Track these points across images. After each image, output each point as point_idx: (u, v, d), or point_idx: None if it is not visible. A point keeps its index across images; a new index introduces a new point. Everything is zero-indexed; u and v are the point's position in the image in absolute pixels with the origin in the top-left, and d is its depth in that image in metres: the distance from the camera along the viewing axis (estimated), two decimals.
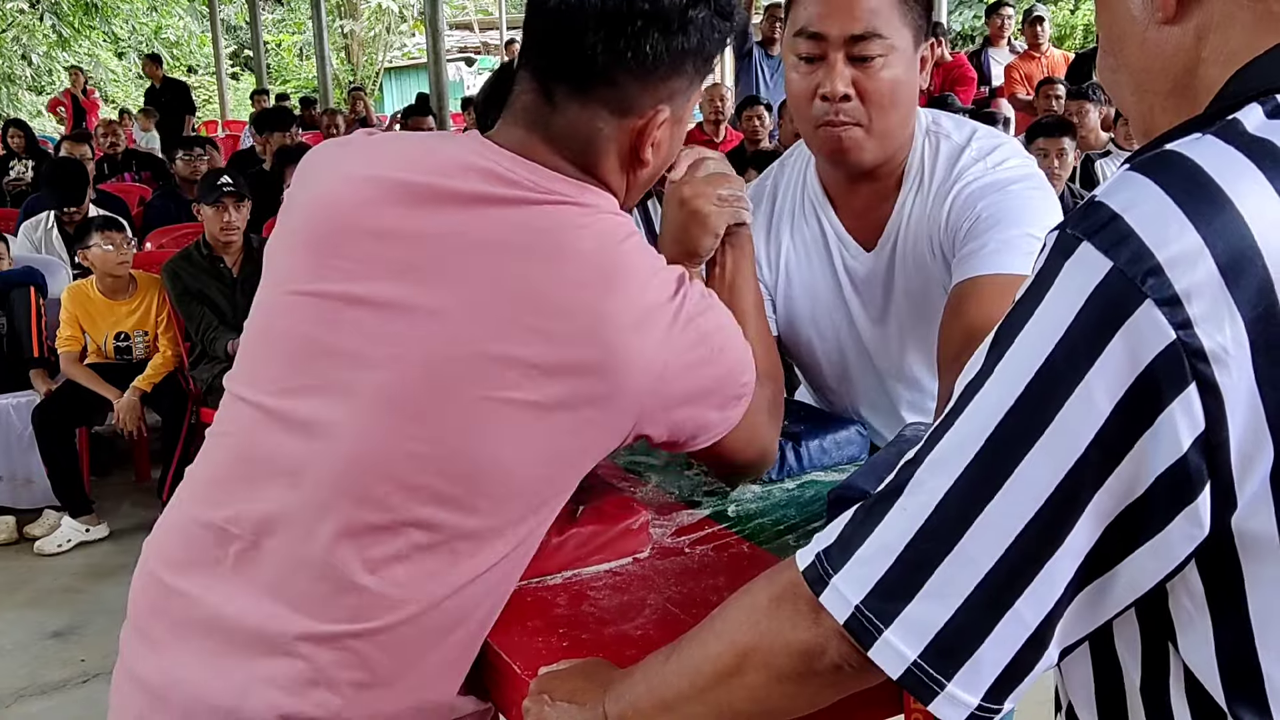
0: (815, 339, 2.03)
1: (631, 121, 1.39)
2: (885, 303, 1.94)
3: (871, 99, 1.75)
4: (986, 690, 0.89)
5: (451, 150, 1.40)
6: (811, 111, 1.79)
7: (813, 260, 1.99)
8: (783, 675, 0.99)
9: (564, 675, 1.25)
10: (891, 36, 1.73)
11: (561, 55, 1.35)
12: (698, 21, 1.37)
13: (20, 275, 5.42)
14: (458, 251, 1.31)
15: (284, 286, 1.40)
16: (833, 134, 1.78)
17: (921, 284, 1.88)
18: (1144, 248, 0.81)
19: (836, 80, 1.74)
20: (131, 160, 10.17)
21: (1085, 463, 0.83)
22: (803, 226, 2.01)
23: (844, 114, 1.76)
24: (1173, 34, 0.96)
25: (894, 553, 0.90)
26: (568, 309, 1.28)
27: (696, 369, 1.37)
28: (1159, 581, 0.86)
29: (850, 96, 1.75)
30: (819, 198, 1.99)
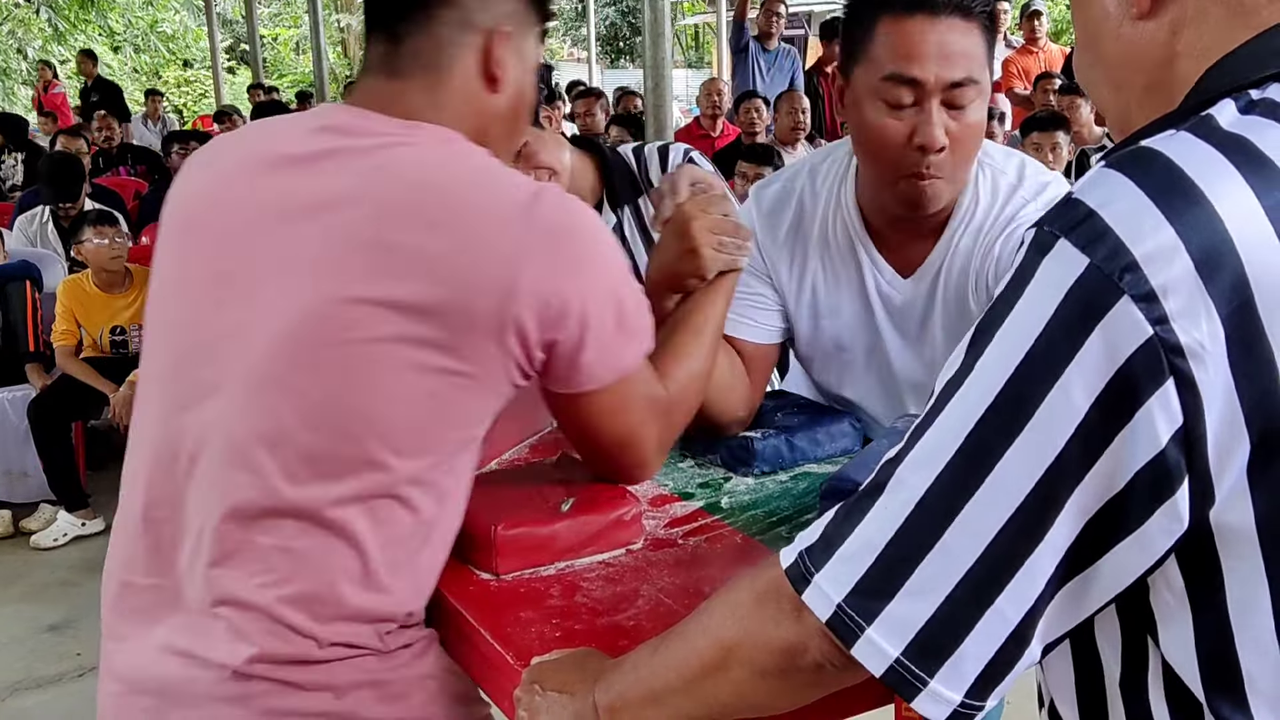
0: (834, 356, 2.01)
1: (474, 38, 1.44)
2: (921, 332, 1.91)
3: (961, 148, 1.71)
4: (969, 687, 0.89)
5: (296, 120, 1.50)
6: (900, 160, 1.71)
7: (841, 286, 1.95)
8: (765, 672, 1.00)
9: (555, 665, 1.26)
10: (981, 80, 1.69)
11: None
12: None
13: (16, 269, 5.42)
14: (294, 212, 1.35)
15: (158, 284, 1.47)
16: (918, 187, 1.72)
17: (960, 317, 1.85)
18: (1120, 244, 0.81)
19: (937, 131, 1.67)
20: (127, 154, 10.16)
21: (1064, 459, 0.83)
22: (835, 250, 1.94)
23: (934, 167, 1.70)
24: (1147, 29, 0.96)
25: (875, 551, 0.90)
26: (406, 244, 1.30)
27: (564, 271, 1.34)
28: (1140, 576, 0.87)
29: (945, 148, 1.69)
30: (857, 228, 1.92)
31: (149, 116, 14.91)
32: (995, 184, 1.83)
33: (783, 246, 1.98)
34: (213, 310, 1.37)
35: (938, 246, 1.85)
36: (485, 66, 1.45)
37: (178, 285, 1.43)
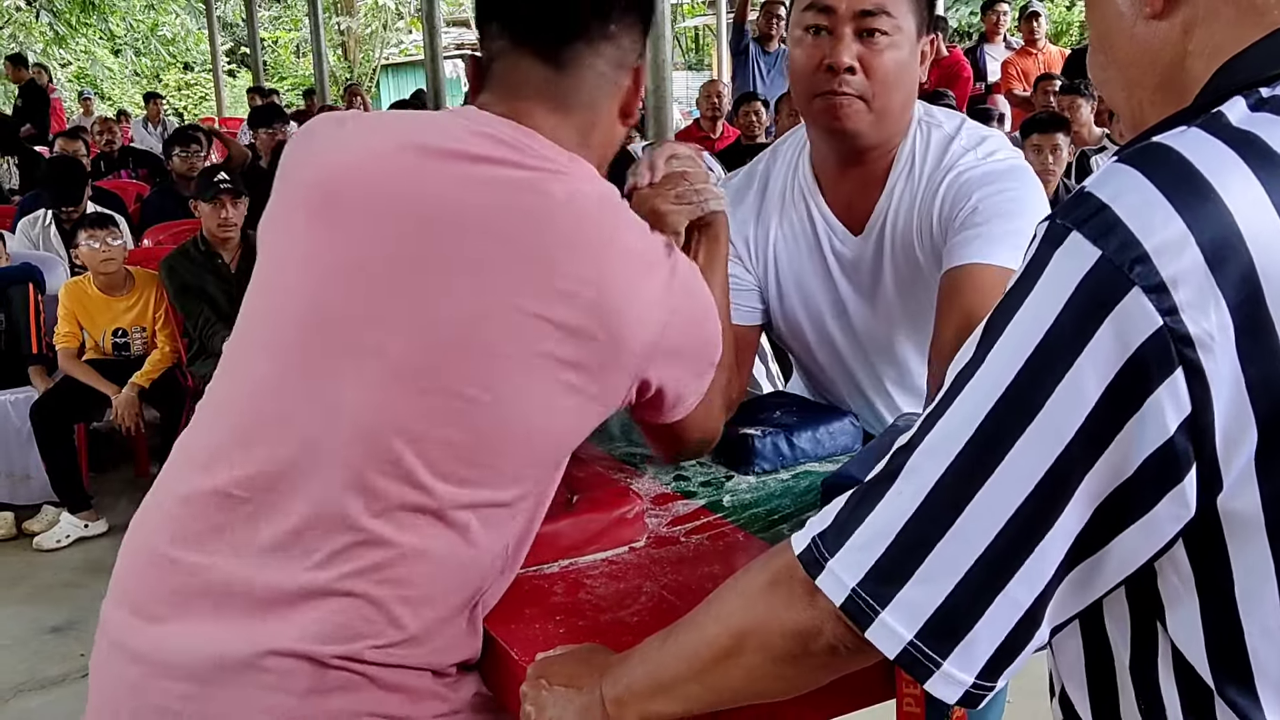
0: (805, 323, 2.05)
1: (624, 77, 1.48)
2: (874, 286, 1.96)
3: (875, 75, 1.78)
4: (981, 669, 0.91)
5: (450, 118, 1.45)
6: (813, 81, 1.81)
7: (800, 245, 2.01)
8: (778, 657, 1.02)
9: (561, 660, 1.27)
10: (899, 18, 1.77)
11: (569, 14, 1.42)
12: None
13: (19, 272, 5.42)
14: (467, 210, 1.34)
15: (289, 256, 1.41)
16: (832, 103, 1.80)
17: (909, 269, 1.90)
18: (1131, 236, 0.83)
19: (843, 52, 1.77)
20: (128, 157, 10.18)
21: (1075, 446, 0.85)
22: (791, 213, 2.02)
23: (847, 85, 1.78)
24: (1160, 29, 0.98)
25: (889, 536, 0.92)
26: (572, 270, 1.32)
27: (688, 328, 1.43)
28: (1147, 561, 0.89)
29: (855, 70, 1.77)
30: (809, 184, 2.00)
31: (150, 119, 14.93)
32: (931, 136, 1.91)
33: (748, 218, 2.05)
34: (353, 292, 1.34)
35: (880, 199, 1.92)
36: (626, 104, 1.50)
37: (309, 259, 1.38)
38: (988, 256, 1.69)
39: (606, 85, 1.46)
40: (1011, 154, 1.86)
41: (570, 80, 1.43)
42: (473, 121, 1.40)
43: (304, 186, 1.42)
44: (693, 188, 1.72)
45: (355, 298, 1.33)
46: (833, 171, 1.97)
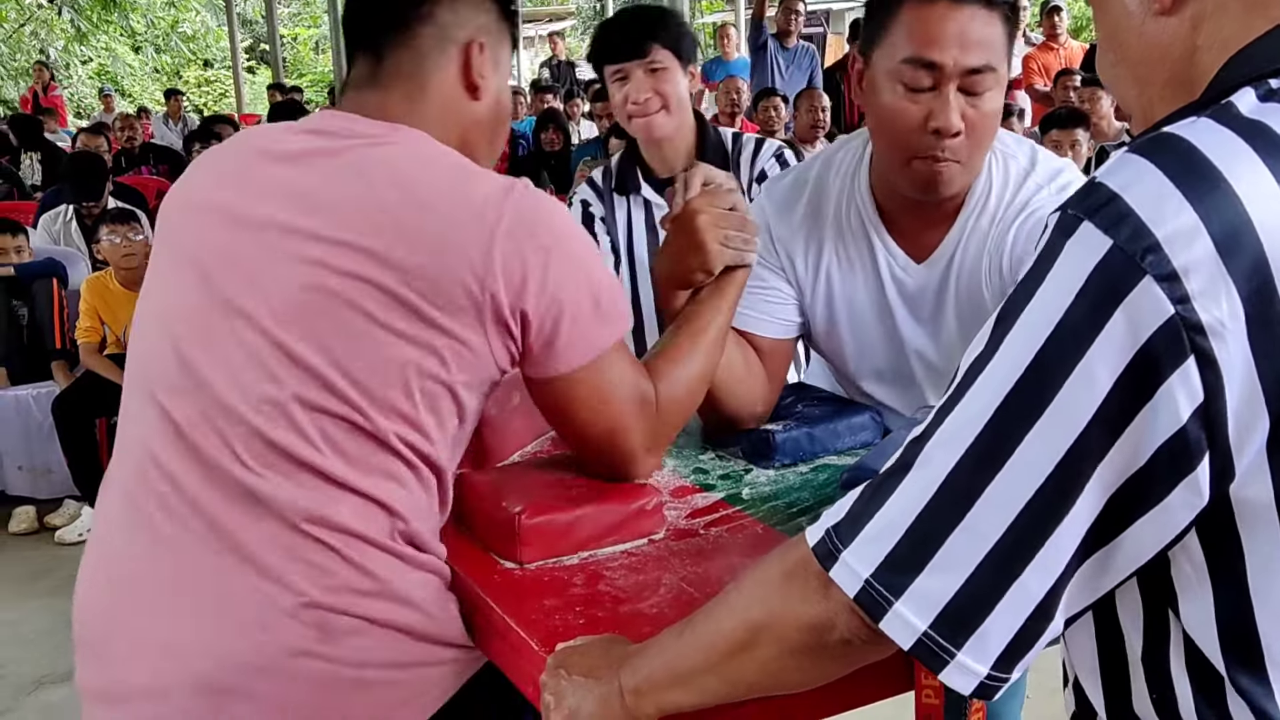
0: (851, 350, 2.00)
1: (454, 51, 1.56)
2: (936, 316, 1.91)
3: (976, 133, 1.71)
4: (995, 659, 0.91)
5: (285, 125, 1.58)
6: (915, 143, 1.72)
7: (856, 273, 1.95)
8: (794, 649, 1.02)
9: (581, 650, 1.27)
10: (999, 68, 1.70)
11: (380, 7, 1.56)
12: None
13: (42, 267, 5.46)
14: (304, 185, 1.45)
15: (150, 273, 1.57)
16: (932, 169, 1.73)
17: (973, 305, 1.85)
18: (1143, 226, 0.83)
19: (953, 115, 1.68)
20: (149, 154, 10.22)
21: (1088, 436, 0.85)
22: (848, 238, 1.95)
23: (950, 151, 1.71)
24: (1169, 24, 0.98)
25: (902, 527, 0.92)
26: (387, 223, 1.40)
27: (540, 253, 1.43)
28: (1160, 550, 0.89)
29: (960, 132, 1.70)
30: (869, 212, 1.92)
31: (170, 116, 15.00)
32: (1008, 170, 1.84)
33: (797, 233, 1.98)
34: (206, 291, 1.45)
35: (951, 232, 1.86)
36: (466, 77, 1.57)
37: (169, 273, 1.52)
38: None
39: (429, 58, 1.54)
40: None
41: (388, 63, 1.54)
42: (301, 123, 1.57)
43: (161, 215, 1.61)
44: (741, 235, 1.71)
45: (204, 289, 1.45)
46: (901, 206, 1.89)
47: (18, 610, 4.37)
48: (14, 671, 3.90)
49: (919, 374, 1.97)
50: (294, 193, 1.45)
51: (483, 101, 1.59)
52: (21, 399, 5.21)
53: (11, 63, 23.97)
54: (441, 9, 1.55)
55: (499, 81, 1.61)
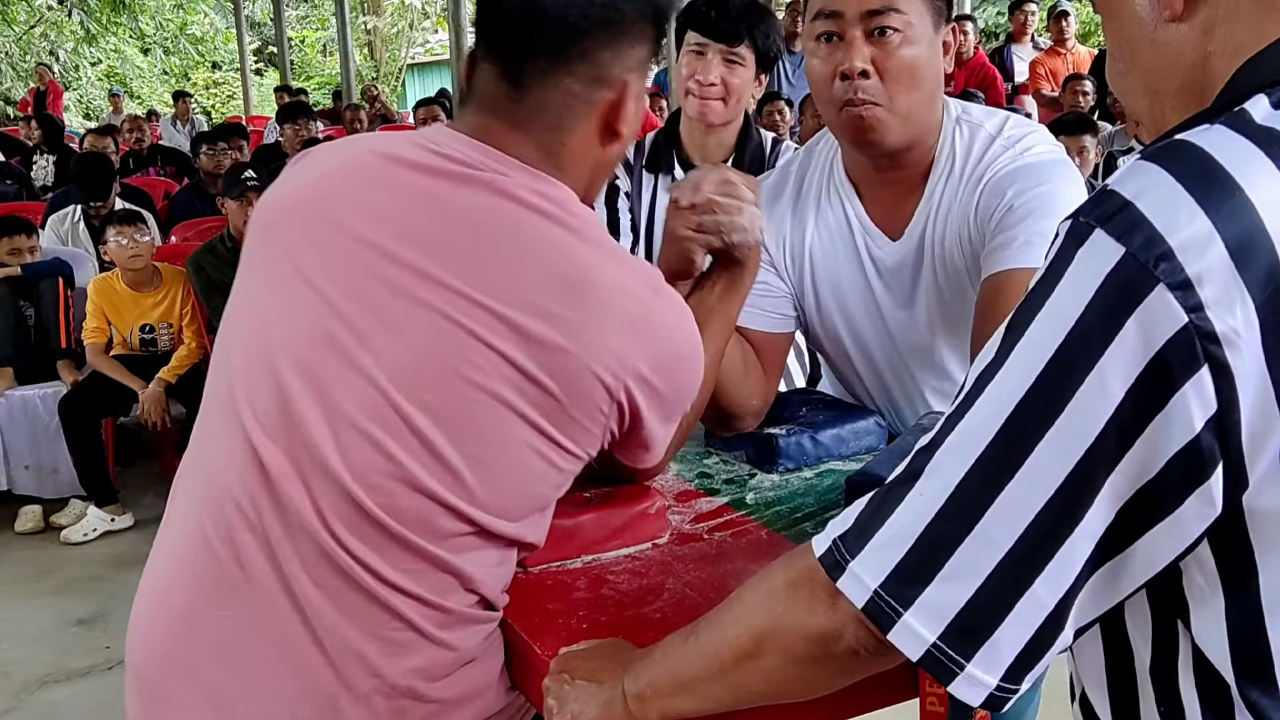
0: (841, 327, 2.01)
1: (604, 94, 1.39)
2: (913, 292, 1.92)
3: (891, 76, 1.73)
4: (1005, 670, 0.90)
5: (405, 135, 1.44)
6: (833, 93, 1.77)
7: (837, 248, 1.97)
8: (799, 659, 1.01)
9: (584, 655, 1.27)
10: (909, 12, 1.72)
11: (532, 29, 1.35)
12: None
13: (49, 267, 5.46)
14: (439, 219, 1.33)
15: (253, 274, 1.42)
16: (854, 114, 1.76)
17: (951, 274, 1.86)
18: (1156, 233, 0.82)
19: (855, 57, 1.72)
20: (157, 155, 10.24)
21: (1100, 445, 0.84)
22: (827, 214, 1.97)
23: (863, 91, 1.73)
24: (1180, 31, 0.97)
25: (911, 536, 0.92)
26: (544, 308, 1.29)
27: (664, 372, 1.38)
28: (1173, 560, 0.88)
29: (870, 73, 1.73)
30: (844, 186, 1.96)
31: (178, 118, 15.03)
32: (973, 137, 1.85)
33: (783, 223, 2.00)
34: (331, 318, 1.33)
35: (920, 205, 1.88)
36: (608, 122, 1.42)
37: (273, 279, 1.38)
38: (1026, 261, 1.65)
39: (577, 105, 1.38)
40: (1050, 147, 1.82)
41: (531, 99, 1.37)
42: (430, 141, 1.39)
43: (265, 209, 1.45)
44: (717, 218, 1.64)
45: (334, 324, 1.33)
46: (868, 176, 1.93)
47: (22, 609, 4.37)
48: (18, 670, 3.90)
49: (905, 353, 1.98)
50: (428, 229, 1.33)
51: (619, 144, 1.45)
52: (28, 399, 5.21)
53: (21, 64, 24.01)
54: (601, 48, 1.37)
55: (639, 115, 1.46)
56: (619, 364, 1.31)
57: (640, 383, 1.34)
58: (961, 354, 1.89)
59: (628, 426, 1.38)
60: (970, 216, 1.81)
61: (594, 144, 1.42)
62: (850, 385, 2.12)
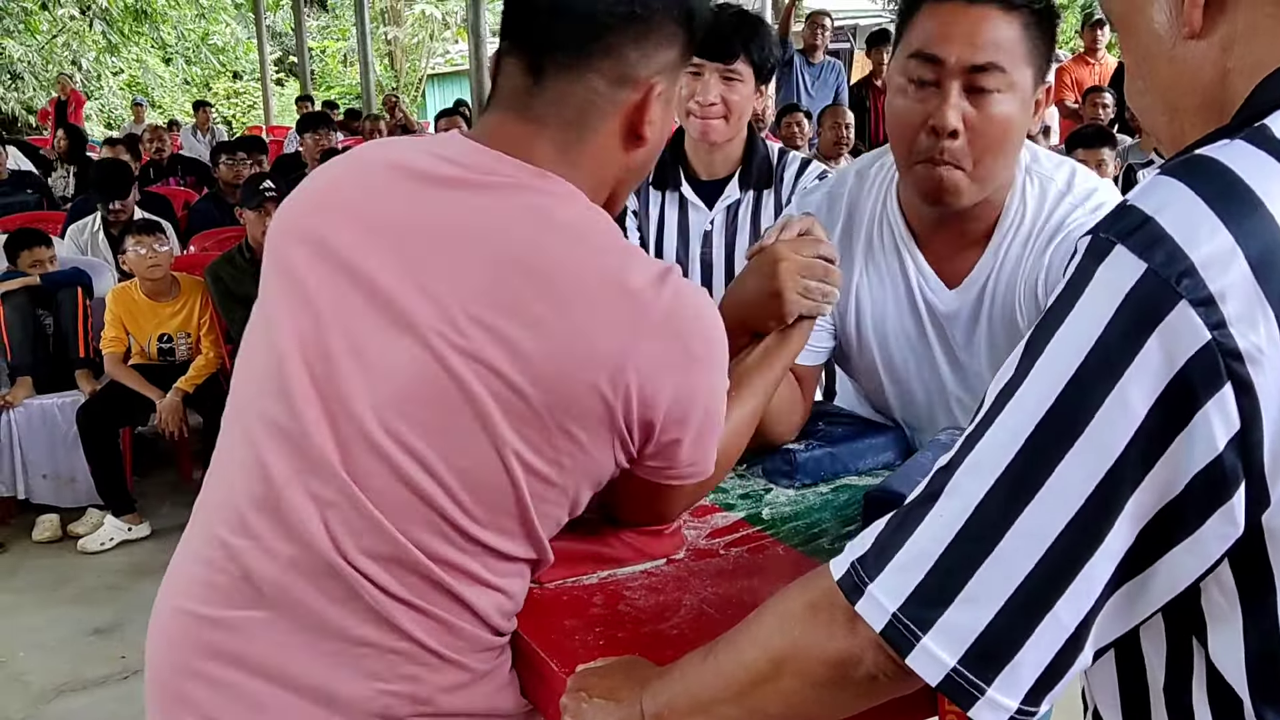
0: (880, 366, 1.97)
1: (628, 95, 1.34)
2: (968, 342, 1.87)
3: (981, 139, 1.65)
4: (1026, 693, 0.89)
5: (418, 142, 1.41)
6: (916, 144, 1.69)
7: (888, 294, 1.91)
8: (817, 683, 1.00)
9: (602, 672, 1.26)
10: (1012, 72, 1.63)
11: (556, 21, 1.31)
12: None
13: (68, 276, 5.48)
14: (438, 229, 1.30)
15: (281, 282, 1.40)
16: (933, 174, 1.69)
17: (1006, 329, 1.81)
18: (1178, 249, 0.81)
19: (949, 112, 1.63)
20: (177, 165, 10.28)
21: (1123, 464, 0.83)
22: (879, 257, 1.91)
23: (949, 153, 1.66)
24: (1198, 49, 0.96)
25: (931, 558, 0.91)
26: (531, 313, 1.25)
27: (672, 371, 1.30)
28: (1194, 580, 0.87)
29: (959, 133, 1.64)
30: (900, 230, 1.89)
31: (199, 127, 15.10)
32: (1044, 191, 1.79)
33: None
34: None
35: (985, 256, 1.82)
36: (633, 126, 1.36)
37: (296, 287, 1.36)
38: None
39: (600, 102, 1.33)
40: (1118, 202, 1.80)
41: (549, 93, 1.33)
42: (438, 145, 1.37)
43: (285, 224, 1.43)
44: (822, 286, 1.62)
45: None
46: (929, 224, 1.86)
47: (39, 618, 4.38)
48: (35, 679, 3.90)
49: (951, 401, 1.94)
50: (425, 240, 1.30)
51: (644, 149, 1.40)
52: (47, 408, 5.22)
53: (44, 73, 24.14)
54: (627, 44, 1.32)
55: (666, 121, 1.41)
56: (614, 366, 1.25)
57: (649, 385, 1.27)
58: None
59: (649, 437, 1.32)
60: (1040, 275, 1.76)
61: (616, 147, 1.37)
62: (874, 403, 2.10)
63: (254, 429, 1.34)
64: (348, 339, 1.30)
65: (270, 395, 1.33)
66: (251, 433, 1.34)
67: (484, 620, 1.34)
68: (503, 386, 1.24)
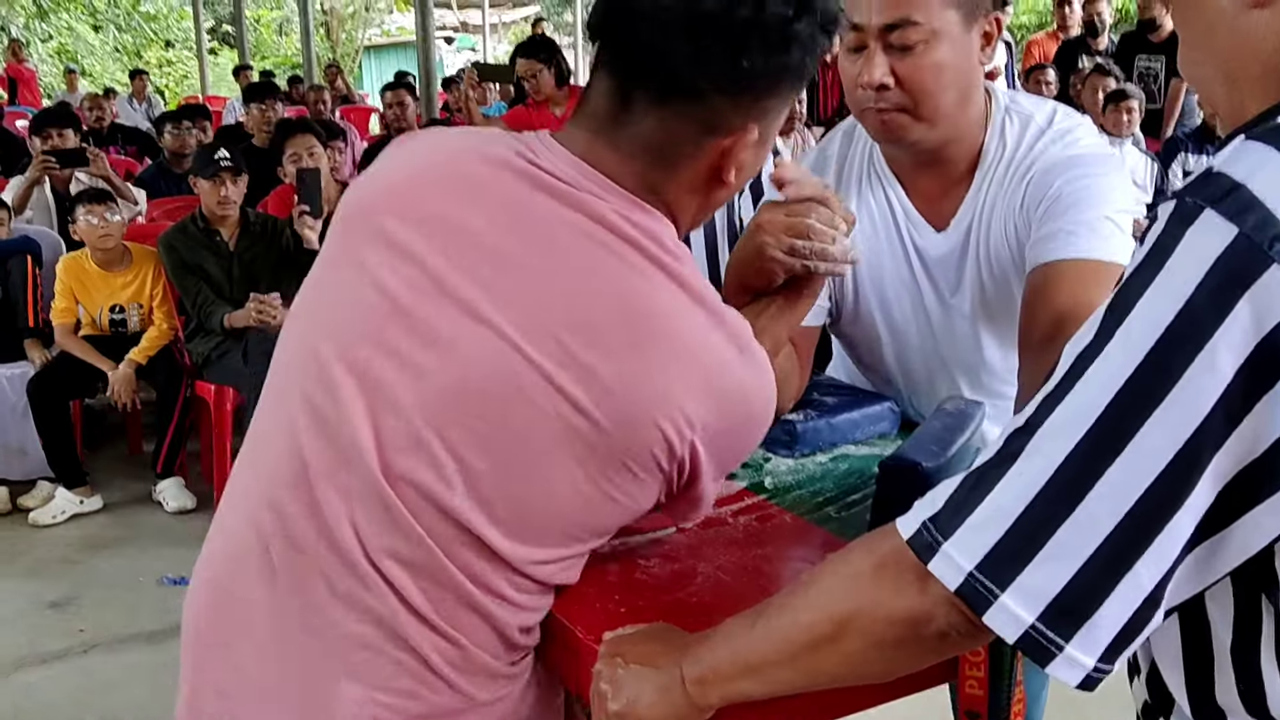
0: (878, 316, 1.99)
1: (717, 140, 1.28)
2: (957, 284, 1.91)
3: (913, 85, 1.72)
4: (1103, 651, 0.91)
5: (505, 139, 1.35)
6: (857, 100, 1.78)
7: (879, 237, 1.95)
8: (884, 642, 1.02)
9: (635, 639, 1.27)
10: (929, 21, 1.69)
11: (643, 61, 1.25)
12: (801, 37, 1.24)
13: (17, 244, 5.38)
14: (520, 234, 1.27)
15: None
16: (877, 119, 1.77)
17: (996, 267, 1.85)
18: (1270, 214, 0.83)
19: (873, 70, 1.71)
20: (118, 134, 10.10)
21: (1208, 425, 0.85)
22: (869, 201, 1.96)
23: (884, 101, 1.74)
24: (1262, 18, 0.97)
25: (1010, 517, 0.92)
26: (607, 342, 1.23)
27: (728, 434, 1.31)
28: (1271, 541, 0.88)
29: (889, 85, 1.72)
30: (886, 175, 1.95)
31: (135, 96, 14.86)
32: (1023, 128, 1.85)
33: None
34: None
35: (967, 197, 1.87)
36: (717, 169, 1.31)
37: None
38: (1075, 251, 1.66)
39: (684, 145, 1.28)
40: (1096, 139, 1.83)
41: (634, 127, 1.28)
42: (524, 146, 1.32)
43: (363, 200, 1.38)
44: (811, 244, 1.59)
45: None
46: (908, 167, 1.92)
47: None
48: None
49: (942, 343, 1.97)
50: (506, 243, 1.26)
51: (725, 191, 1.36)
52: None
53: None
54: (719, 96, 1.25)
55: (758, 160, 1.35)
56: (684, 419, 1.24)
57: (707, 443, 1.27)
58: (1001, 344, 1.89)
59: (685, 482, 1.32)
60: (1017, 207, 1.81)
61: (698, 187, 1.33)
62: (870, 370, 2.11)
63: (294, 414, 1.30)
64: (412, 334, 1.26)
65: (314, 381, 1.30)
66: (291, 417, 1.31)
67: (503, 638, 1.32)
68: (572, 411, 1.22)
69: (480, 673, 1.31)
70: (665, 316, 1.25)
